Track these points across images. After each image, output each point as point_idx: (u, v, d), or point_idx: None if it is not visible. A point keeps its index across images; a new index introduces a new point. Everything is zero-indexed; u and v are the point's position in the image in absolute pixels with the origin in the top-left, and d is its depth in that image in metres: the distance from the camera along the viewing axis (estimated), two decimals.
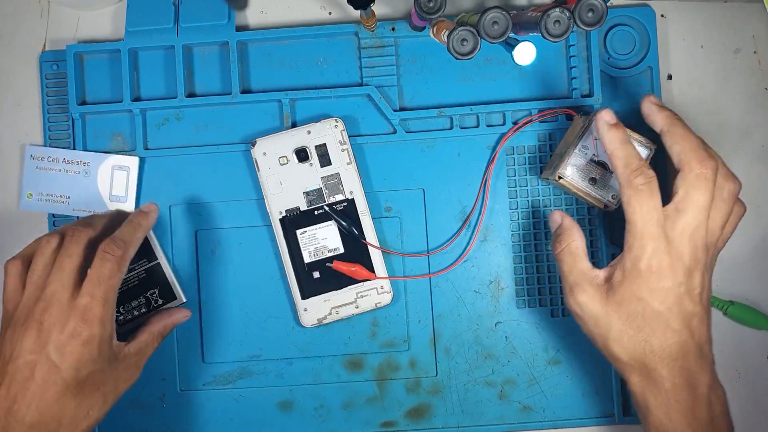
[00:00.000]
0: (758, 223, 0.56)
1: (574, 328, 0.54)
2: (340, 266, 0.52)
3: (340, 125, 0.53)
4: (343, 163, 0.53)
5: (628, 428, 0.55)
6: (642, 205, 0.42)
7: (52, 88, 0.56)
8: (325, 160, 0.53)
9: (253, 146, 0.52)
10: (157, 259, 0.53)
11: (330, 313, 0.53)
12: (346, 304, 0.53)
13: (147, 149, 0.55)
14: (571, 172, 0.50)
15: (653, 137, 0.49)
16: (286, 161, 0.52)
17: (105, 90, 0.56)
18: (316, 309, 0.53)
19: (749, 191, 0.56)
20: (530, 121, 0.54)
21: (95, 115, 0.55)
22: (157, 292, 0.53)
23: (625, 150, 0.44)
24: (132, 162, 0.54)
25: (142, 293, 0.53)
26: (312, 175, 0.53)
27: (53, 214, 0.55)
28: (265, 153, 0.52)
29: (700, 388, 0.42)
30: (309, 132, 0.53)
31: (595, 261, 0.54)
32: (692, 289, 0.43)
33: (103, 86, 0.56)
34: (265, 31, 0.55)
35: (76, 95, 0.55)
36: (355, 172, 0.53)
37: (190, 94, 0.55)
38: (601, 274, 0.45)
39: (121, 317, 0.52)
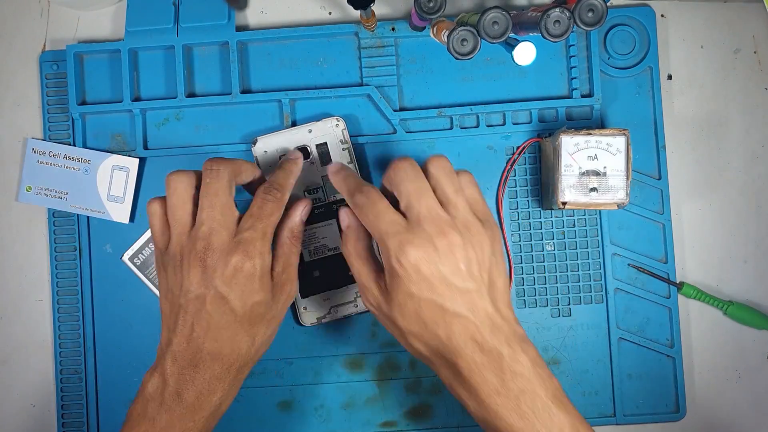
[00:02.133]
0: (758, 223, 0.56)
1: (574, 328, 0.54)
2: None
3: (342, 124, 0.53)
4: (343, 161, 0.53)
5: (628, 428, 0.55)
6: (369, 214, 0.43)
7: (52, 88, 0.56)
8: (325, 158, 0.53)
9: (254, 144, 0.52)
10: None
11: (329, 312, 0.53)
12: (345, 303, 0.53)
13: (147, 149, 0.55)
14: (571, 194, 0.50)
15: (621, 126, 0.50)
16: None
17: (105, 90, 0.56)
18: (315, 308, 0.53)
19: (749, 191, 0.56)
20: (523, 149, 0.54)
21: (95, 115, 0.55)
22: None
23: (345, 182, 0.46)
24: (132, 163, 0.55)
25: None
26: (313, 174, 0.53)
27: (53, 213, 0.55)
28: (266, 151, 0.52)
29: (505, 361, 0.40)
30: (310, 131, 0.53)
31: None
32: (457, 265, 0.41)
33: (103, 86, 0.56)
34: (265, 31, 0.55)
35: (76, 95, 0.55)
36: (356, 171, 0.52)
37: (190, 94, 0.55)
38: (382, 277, 0.44)
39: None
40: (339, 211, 0.47)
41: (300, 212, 0.49)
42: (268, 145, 0.52)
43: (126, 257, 0.54)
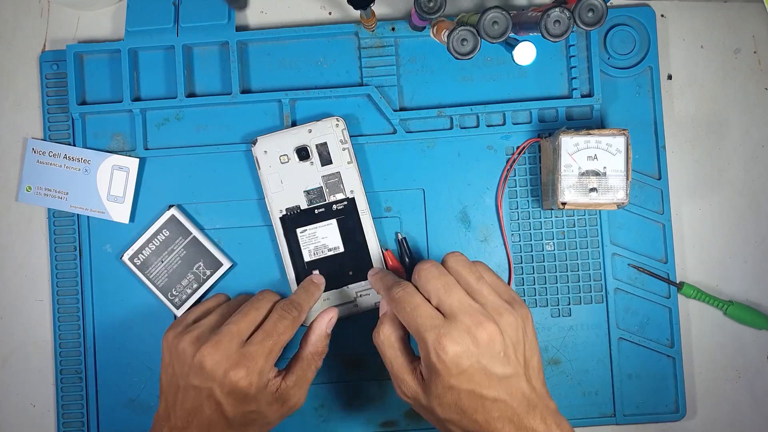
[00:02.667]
0: (758, 223, 0.56)
1: (574, 328, 0.54)
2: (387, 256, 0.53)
3: (342, 124, 0.53)
4: (343, 162, 0.53)
5: (628, 428, 0.55)
6: (407, 306, 0.43)
7: (52, 88, 0.56)
8: (325, 158, 0.53)
9: (254, 144, 0.52)
10: (191, 233, 0.53)
11: None
12: (345, 303, 0.53)
13: (147, 149, 0.55)
14: (571, 194, 0.50)
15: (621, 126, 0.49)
16: (286, 159, 0.52)
17: (105, 90, 0.56)
18: (315, 307, 0.52)
19: (749, 191, 0.56)
20: (523, 149, 0.54)
21: (95, 114, 0.55)
22: (202, 265, 0.53)
23: (382, 281, 0.48)
24: (132, 163, 0.55)
25: (188, 271, 0.53)
26: (313, 174, 0.53)
27: (53, 213, 0.55)
28: (266, 151, 0.52)
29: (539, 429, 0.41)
30: (310, 131, 0.53)
31: None
32: (497, 353, 0.42)
33: (103, 86, 0.56)
34: (265, 31, 0.55)
35: (76, 95, 0.55)
36: (356, 171, 0.52)
37: (190, 94, 0.55)
38: (417, 368, 0.44)
39: (176, 299, 0.53)
40: (381, 299, 0.48)
41: (326, 324, 0.49)
42: (268, 145, 0.52)
43: (126, 257, 0.54)
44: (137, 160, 0.55)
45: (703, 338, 0.56)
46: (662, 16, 0.56)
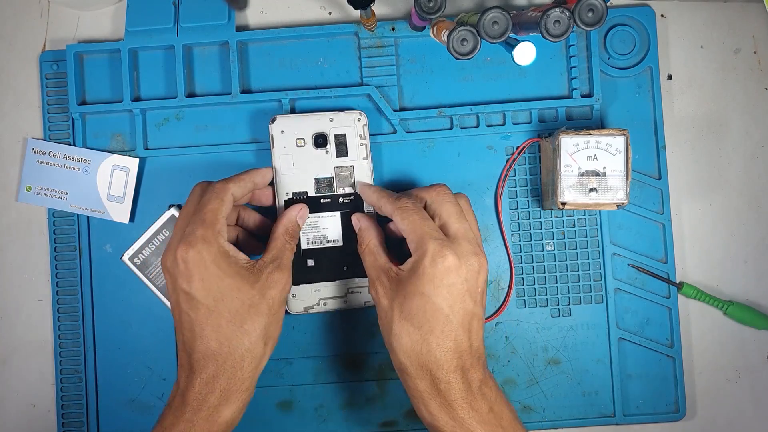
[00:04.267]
0: (758, 223, 0.56)
1: (574, 328, 0.54)
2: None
3: (364, 119, 0.52)
4: (359, 157, 0.52)
5: (628, 428, 0.55)
6: (412, 216, 0.45)
7: (52, 87, 0.56)
8: (342, 150, 0.52)
9: (272, 122, 0.52)
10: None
11: (318, 304, 0.52)
12: (335, 297, 0.52)
13: (147, 149, 0.55)
14: (571, 194, 0.50)
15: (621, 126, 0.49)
16: (302, 143, 0.52)
17: (105, 90, 0.56)
18: (304, 297, 0.52)
19: (749, 191, 0.56)
20: (523, 149, 0.54)
21: (95, 114, 0.55)
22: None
23: (383, 192, 0.49)
24: (132, 163, 0.55)
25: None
26: (326, 163, 0.52)
27: (53, 213, 0.55)
28: (282, 131, 0.52)
29: (474, 384, 0.43)
30: (331, 119, 0.52)
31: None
32: (474, 288, 0.44)
33: (103, 86, 0.56)
34: (265, 31, 0.55)
35: (76, 95, 0.55)
36: (369, 168, 0.52)
37: (190, 94, 0.55)
38: (395, 268, 0.46)
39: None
40: (352, 217, 0.50)
41: (296, 212, 0.50)
42: (286, 125, 0.52)
43: (126, 257, 0.54)
44: (137, 160, 0.55)
45: (703, 338, 0.56)
46: (662, 16, 0.56)
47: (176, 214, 0.54)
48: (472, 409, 0.42)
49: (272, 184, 0.52)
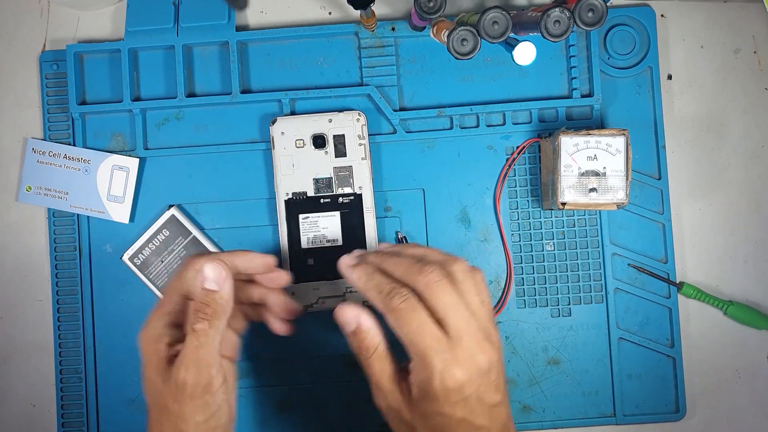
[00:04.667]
0: (758, 223, 0.56)
1: (574, 328, 0.54)
2: None
3: (362, 119, 0.53)
4: (358, 157, 0.53)
5: (628, 428, 0.55)
6: (411, 322, 0.39)
7: (52, 87, 0.56)
8: (341, 151, 0.53)
9: (273, 124, 0.53)
10: (191, 233, 0.53)
11: (317, 302, 0.52)
12: (333, 297, 0.53)
13: (147, 149, 0.55)
14: (571, 194, 0.50)
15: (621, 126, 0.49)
16: (302, 144, 0.53)
17: (105, 90, 0.56)
18: (303, 295, 0.52)
19: (749, 191, 0.56)
20: (523, 149, 0.54)
21: (95, 114, 0.55)
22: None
23: (372, 281, 0.42)
24: (132, 163, 0.55)
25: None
26: (325, 163, 0.53)
27: (53, 213, 0.55)
28: (283, 132, 0.52)
29: None
30: (330, 120, 0.53)
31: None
32: (490, 383, 0.40)
33: (103, 86, 0.56)
34: (265, 31, 0.55)
35: (76, 95, 0.55)
36: (368, 168, 0.53)
37: (190, 94, 0.55)
38: (404, 380, 0.42)
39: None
40: (339, 310, 0.42)
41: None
42: (286, 126, 0.52)
43: (126, 257, 0.54)
44: (137, 160, 0.55)
45: (703, 338, 0.56)
46: (662, 16, 0.56)
47: (177, 214, 0.54)
48: None
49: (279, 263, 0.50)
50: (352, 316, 0.42)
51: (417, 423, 0.41)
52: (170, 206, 0.54)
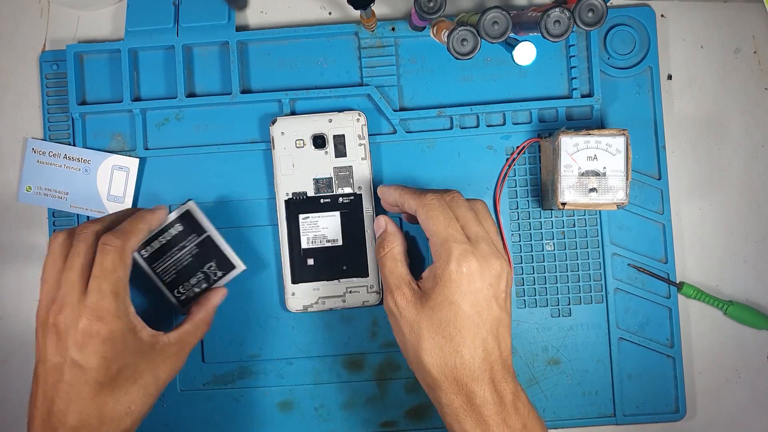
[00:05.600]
0: (758, 223, 0.56)
1: (574, 328, 0.54)
2: None
3: (362, 119, 0.53)
4: (358, 157, 0.53)
5: (628, 428, 0.55)
6: (438, 215, 0.44)
7: (52, 87, 0.56)
8: (341, 151, 0.53)
9: (273, 124, 0.53)
10: (206, 231, 0.52)
11: (317, 302, 0.53)
12: (334, 296, 0.53)
13: (147, 149, 0.55)
14: (571, 194, 0.50)
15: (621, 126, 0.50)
16: (302, 144, 0.53)
17: (105, 90, 0.56)
18: (303, 295, 0.52)
19: (749, 191, 0.56)
20: (523, 149, 0.54)
21: (95, 114, 0.55)
22: (214, 265, 0.52)
23: (406, 189, 0.48)
24: (132, 163, 0.55)
25: (198, 269, 0.52)
26: (325, 163, 0.53)
27: (53, 213, 0.55)
28: (283, 132, 0.53)
29: (507, 397, 0.42)
30: (330, 120, 0.53)
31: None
32: (499, 293, 0.43)
33: (103, 86, 0.56)
34: (265, 31, 0.55)
35: (76, 95, 0.55)
36: (368, 168, 0.53)
37: (190, 94, 0.55)
38: (415, 280, 0.45)
39: (183, 296, 0.51)
40: (377, 218, 0.49)
41: (218, 299, 0.50)
42: (286, 126, 0.52)
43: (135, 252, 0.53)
44: (137, 160, 0.55)
45: (703, 338, 0.56)
46: (662, 16, 0.56)
47: (193, 209, 0.51)
48: (506, 425, 0.41)
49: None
50: (383, 221, 0.49)
51: (423, 321, 0.42)
52: (188, 200, 0.52)
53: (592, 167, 0.50)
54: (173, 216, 0.51)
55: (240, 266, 0.52)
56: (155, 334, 0.46)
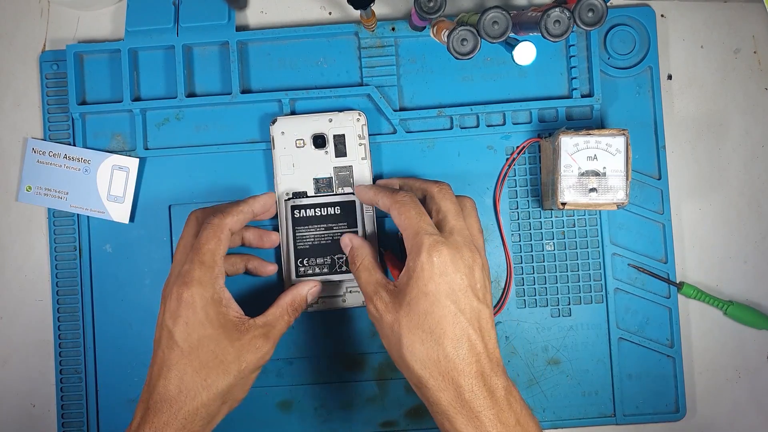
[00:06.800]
0: (758, 223, 0.56)
1: (574, 328, 0.54)
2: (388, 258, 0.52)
3: (363, 119, 0.53)
4: (358, 157, 0.53)
5: (628, 428, 0.55)
6: (409, 210, 0.44)
7: (52, 87, 0.56)
8: (341, 150, 0.53)
9: (273, 124, 0.53)
10: (356, 226, 0.52)
11: (317, 302, 0.52)
12: (334, 296, 0.53)
13: (147, 149, 0.55)
14: (571, 194, 0.50)
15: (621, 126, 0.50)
16: (302, 144, 0.53)
17: (105, 90, 0.56)
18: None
19: (749, 191, 0.56)
20: (523, 149, 0.54)
21: (95, 114, 0.55)
22: (344, 258, 0.52)
23: (380, 188, 0.48)
24: (132, 163, 0.55)
25: (330, 254, 0.52)
26: (325, 163, 0.53)
27: (53, 213, 0.55)
28: (283, 132, 0.53)
29: (498, 392, 0.41)
30: (330, 120, 0.53)
31: None
32: (474, 283, 0.42)
33: (103, 86, 0.56)
34: (265, 31, 0.55)
35: (76, 95, 0.55)
36: (368, 168, 0.53)
37: (190, 94, 0.55)
38: (391, 282, 0.45)
39: (302, 269, 0.52)
40: (341, 238, 0.50)
41: (308, 288, 0.50)
42: (286, 126, 0.52)
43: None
44: (137, 160, 0.55)
45: (703, 338, 0.56)
46: (662, 16, 0.56)
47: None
48: (499, 422, 0.40)
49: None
50: (347, 239, 0.50)
51: (402, 318, 0.42)
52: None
53: (592, 167, 0.50)
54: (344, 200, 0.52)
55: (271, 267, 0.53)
56: (241, 315, 0.46)
